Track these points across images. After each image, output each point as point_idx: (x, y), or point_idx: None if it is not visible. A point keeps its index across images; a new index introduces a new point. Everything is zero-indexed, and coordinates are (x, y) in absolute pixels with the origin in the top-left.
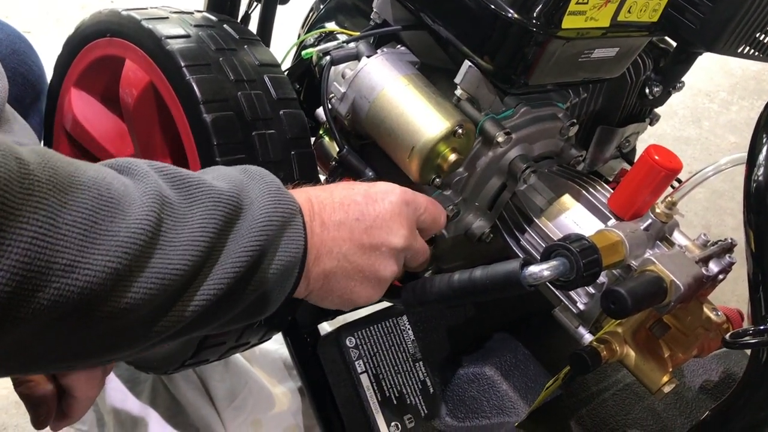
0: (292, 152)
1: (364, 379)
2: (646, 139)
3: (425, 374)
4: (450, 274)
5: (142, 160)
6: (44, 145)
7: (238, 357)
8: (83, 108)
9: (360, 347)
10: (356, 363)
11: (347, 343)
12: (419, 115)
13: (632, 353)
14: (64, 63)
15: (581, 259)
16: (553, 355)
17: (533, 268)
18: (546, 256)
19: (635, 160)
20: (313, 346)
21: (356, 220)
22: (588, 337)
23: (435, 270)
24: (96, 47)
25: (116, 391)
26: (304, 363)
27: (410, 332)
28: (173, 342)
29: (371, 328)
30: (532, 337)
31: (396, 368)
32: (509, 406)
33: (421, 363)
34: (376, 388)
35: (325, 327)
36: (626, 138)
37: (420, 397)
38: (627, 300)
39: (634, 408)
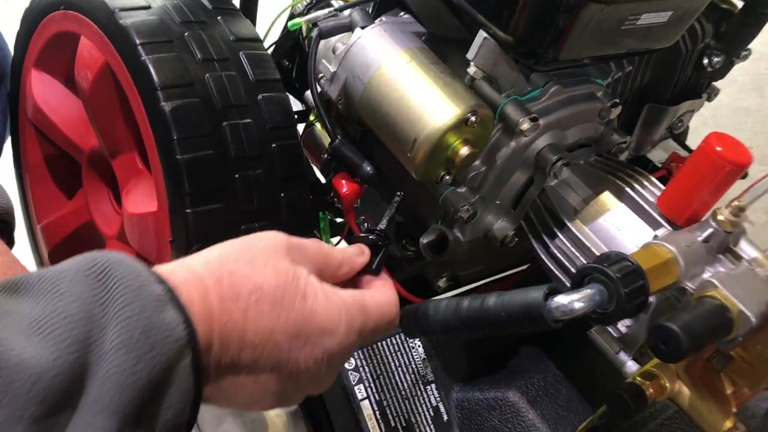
0: (273, 145)
1: (366, 407)
2: (700, 111)
3: (438, 399)
4: (459, 300)
5: None
6: (10, 136)
7: None
8: (44, 92)
9: (361, 369)
10: (356, 388)
11: (346, 365)
12: (423, 100)
13: (686, 390)
14: (23, 41)
15: (623, 286)
16: (591, 376)
17: (561, 299)
18: (578, 282)
19: (687, 143)
20: None
21: (271, 371)
22: (631, 365)
23: (450, 277)
24: (52, 22)
25: None
26: None
27: (420, 349)
28: None
29: (374, 346)
30: (565, 353)
31: (403, 393)
32: None
33: (433, 386)
34: (379, 416)
35: None
36: (679, 117)
37: (432, 426)
38: (682, 340)
39: None
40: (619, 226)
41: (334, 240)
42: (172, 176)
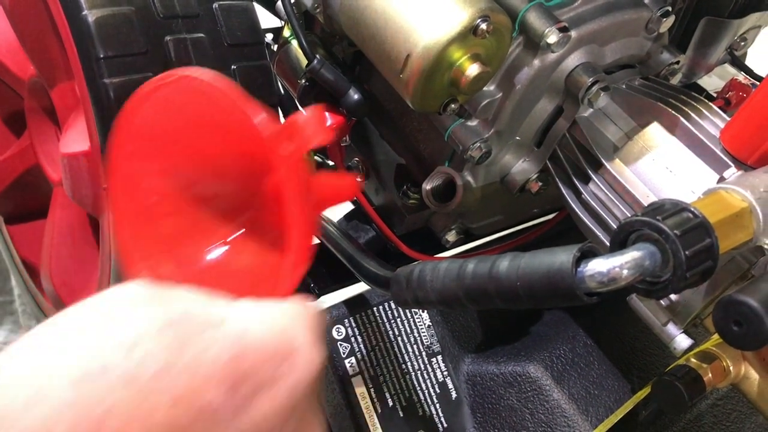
0: (234, 66)
1: (358, 384)
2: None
3: (445, 374)
4: (463, 262)
5: None
6: None
7: None
8: None
9: (352, 339)
10: (346, 362)
11: (334, 334)
12: (417, 2)
13: (754, 375)
14: None
15: (683, 247)
16: (629, 347)
17: (598, 265)
18: (621, 242)
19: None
20: None
21: None
22: (681, 340)
23: (460, 229)
24: None
25: None
26: None
27: (425, 315)
28: None
29: (369, 311)
30: (598, 319)
31: (404, 367)
32: (561, 422)
33: (439, 358)
34: (374, 394)
35: None
36: (742, 35)
37: (437, 405)
38: (765, 321)
39: (743, 428)
40: (671, 166)
41: None
42: (100, 107)
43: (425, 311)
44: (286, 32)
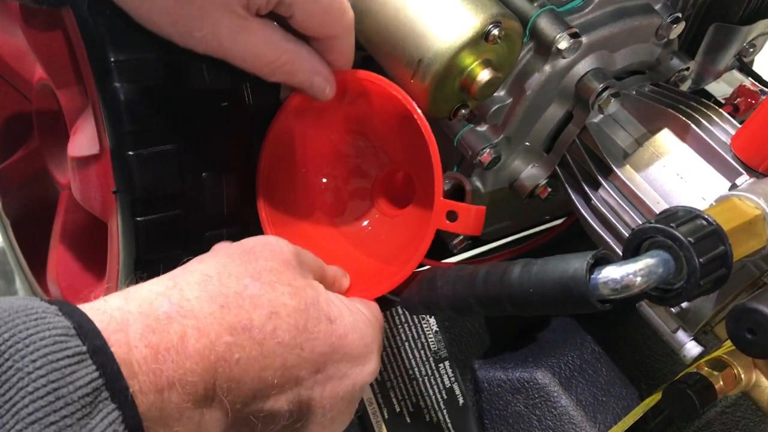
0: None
1: (365, 390)
2: None
3: (452, 379)
4: (474, 268)
5: None
6: None
7: None
8: None
9: None
10: None
11: None
12: (430, 8)
13: (765, 383)
14: None
15: (697, 254)
16: (638, 354)
17: (612, 272)
18: (634, 249)
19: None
20: None
21: (288, 416)
22: (692, 347)
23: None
24: None
25: None
26: None
27: (432, 320)
28: None
29: None
30: (606, 325)
31: (411, 372)
32: (569, 429)
33: (446, 364)
34: (381, 400)
35: None
36: (751, 41)
37: (444, 411)
38: None
39: None
40: (682, 173)
41: None
42: (110, 111)
43: (432, 317)
44: None
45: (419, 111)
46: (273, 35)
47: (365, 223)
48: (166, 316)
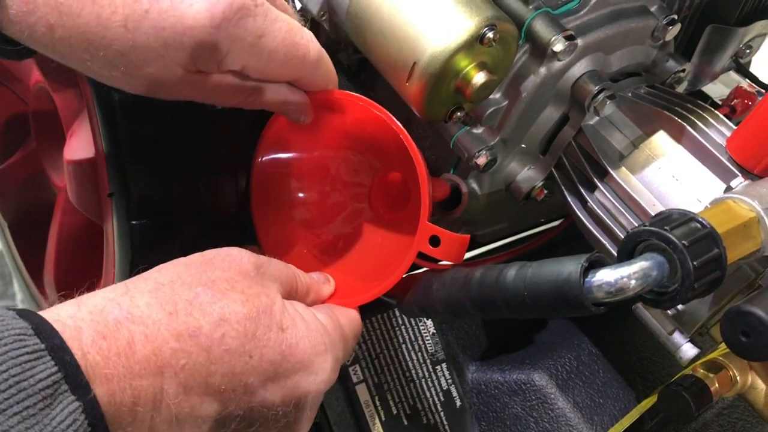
0: None
1: (362, 391)
2: None
3: (449, 381)
4: (469, 271)
5: None
6: None
7: None
8: None
9: (357, 347)
10: (350, 369)
11: None
12: (425, 11)
13: (761, 385)
14: None
15: (691, 257)
16: (635, 356)
17: (606, 275)
18: (628, 251)
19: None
20: None
21: (239, 422)
22: (688, 349)
23: (467, 233)
24: None
25: None
26: None
27: (429, 323)
28: None
29: (373, 319)
30: (603, 326)
31: (408, 375)
32: (566, 430)
33: (443, 366)
34: (378, 402)
35: None
36: (747, 43)
37: (441, 413)
38: None
39: None
40: (677, 175)
41: None
42: (105, 114)
43: (429, 319)
44: None
45: (406, 132)
46: (233, 82)
47: (361, 228)
48: (115, 321)
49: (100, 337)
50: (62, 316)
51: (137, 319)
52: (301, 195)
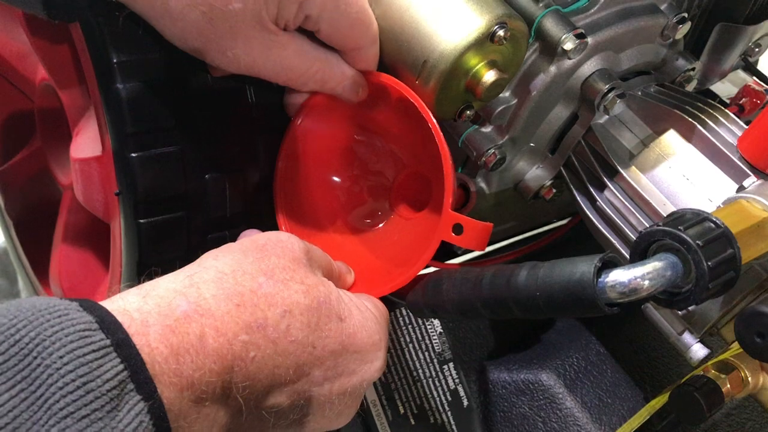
0: None
1: (369, 391)
2: None
3: (456, 381)
4: (480, 271)
5: None
6: None
7: None
8: None
9: None
10: None
11: None
12: (435, 9)
13: None
14: None
15: (705, 258)
16: (643, 355)
17: (619, 275)
18: (642, 252)
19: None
20: None
21: (299, 411)
22: (698, 350)
23: None
24: None
25: None
26: None
27: (436, 322)
28: None
29: None
30: (611, 326)
31: (415, 374)
32: (574, 430)
33: (450, 365)
34: (386, 401)
35: None
36: (756, 41)
37: (449, 412)
38: None
39: None
40: (688, 174)
41: None
42: (112, 112)
43: (437, 319)
44: None
45: (435, 121)
46: (303, 47)
47: (380, 223)
48: (184, 315)
49: (168, 331)
50: (128, 308)
51: (206, 311)
52: (326, 176)
